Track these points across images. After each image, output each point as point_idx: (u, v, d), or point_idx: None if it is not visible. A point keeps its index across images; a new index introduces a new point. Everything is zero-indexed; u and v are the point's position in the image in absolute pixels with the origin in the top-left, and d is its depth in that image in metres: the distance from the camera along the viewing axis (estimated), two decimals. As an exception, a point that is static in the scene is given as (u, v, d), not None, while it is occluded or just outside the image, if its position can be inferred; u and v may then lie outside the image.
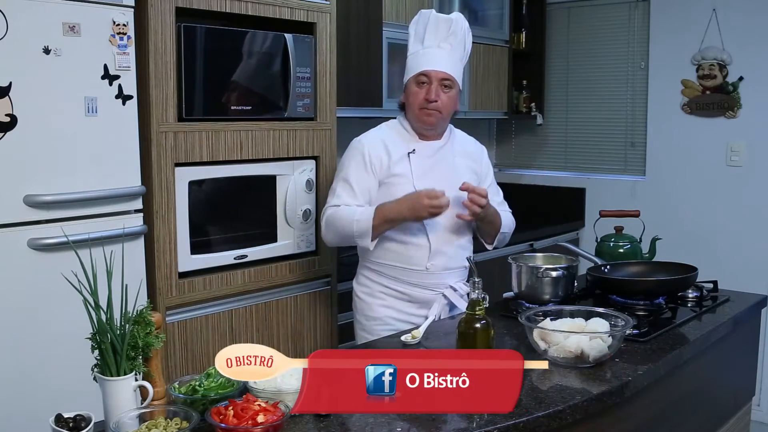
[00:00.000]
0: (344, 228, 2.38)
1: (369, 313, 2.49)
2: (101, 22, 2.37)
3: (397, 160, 2.41)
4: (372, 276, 2.49)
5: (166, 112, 2.58)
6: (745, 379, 2.61)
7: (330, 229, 2.43)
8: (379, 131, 2.50)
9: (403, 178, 2.40)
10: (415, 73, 2.40)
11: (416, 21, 2.47)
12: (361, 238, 2.36)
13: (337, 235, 2.43)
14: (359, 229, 2.34)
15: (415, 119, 2.44)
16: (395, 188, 2.38)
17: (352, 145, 2.48)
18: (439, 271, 2.42)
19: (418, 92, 2.39)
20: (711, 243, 4.04)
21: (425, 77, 2.38)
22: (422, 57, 2.41)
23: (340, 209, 2.39)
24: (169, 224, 2.62)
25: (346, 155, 2.47)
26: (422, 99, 2.38)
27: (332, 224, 2.41)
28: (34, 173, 2.27)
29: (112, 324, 1.46)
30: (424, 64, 2.39)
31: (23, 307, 2.26)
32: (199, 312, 2.73)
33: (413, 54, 2.44)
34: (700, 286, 2.47)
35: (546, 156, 4.78)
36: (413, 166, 2.41)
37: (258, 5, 2.82)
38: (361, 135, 2.50)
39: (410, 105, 2.43)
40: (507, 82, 4.40)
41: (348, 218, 2.36)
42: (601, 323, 1.87)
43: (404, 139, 2.46)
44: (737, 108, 4.01)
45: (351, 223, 2.35)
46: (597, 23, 4.49)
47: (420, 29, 2.44)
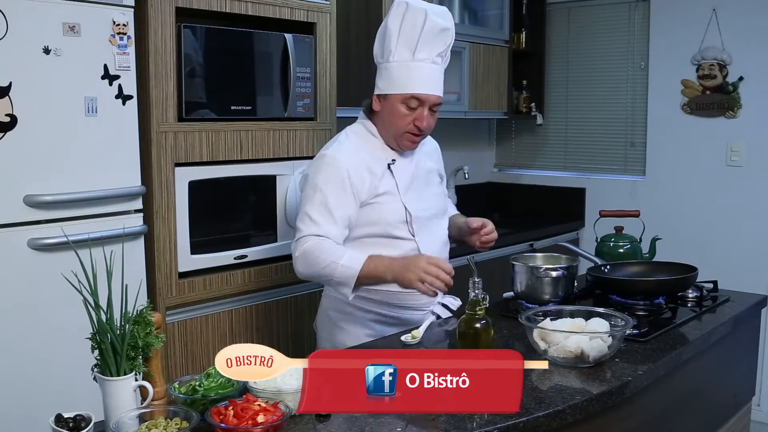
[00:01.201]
0: (324, 268, 2.03)
1: (350, 344, 2.15)
2: (101, 22, 2.37)
3: (380, 176, 2.14)
4: (355, 302, 2.15)
5: (166, 112, 2.58)
6: (745, 379, 2.61)
7: (307, 262, 2.06)
8: (349, 144, 2.17)
9: (389, 195, 2.15)
10: (408, 93, 2.10)
11: (401, 16, 2.10)
12: (341, 286, 2.04)
13: (314, 273, 2.07)
14: (342, 276, 2.01)
15: (396, 141, 2.17)
16: (383, 207, 2.14)
17: (326, 162, 2.11)
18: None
19: (406, 116, 2.12)
20: (711, 243, 4.04)
21: (417, 100, 2.11)
22: (415, 73, 2.10)
23: (323, 244, 2.05)
24: (169, 224, 2.62)
25: (319, 173, 2.11)
26: (410, 124, 2.13)
27: (311, 259, 2.05)
28: (34, 173, 2.27)
29: (112, 324, 1.46)
30: (417, 84, 2.10)
31: (23, 307, 2.26)
32: (199, 312, 2.73)
33: (401, 64, 2.11)
34: (700, 286, 2.46)
35: (546, 156, 4.78)
36: (398, 180, 2.17)
37: (258, 5, 2.82)
38: (331, 149, 2.15)
39: (392, 124, 2.15)
40: (507, 82, 4.40)
41: (331, 258, 2.02)
42: (601, 323, 1.87)
43: (377, 148, 2.19)
44: (737, 108, 4.00)
45: (334, 265, 2.01)
46: (597, 23, 4.49)
47: (410, 32, 2.10)
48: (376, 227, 2.15)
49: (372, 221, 2.14)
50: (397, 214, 2.16)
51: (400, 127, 2.14)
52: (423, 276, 1.96)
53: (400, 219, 2.16)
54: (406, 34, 2.10)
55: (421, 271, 1.96)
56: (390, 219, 2.15)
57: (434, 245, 2.25)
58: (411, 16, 2.10)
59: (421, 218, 2.20)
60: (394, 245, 2.15)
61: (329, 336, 2.30)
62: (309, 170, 2.18)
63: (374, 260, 2.03)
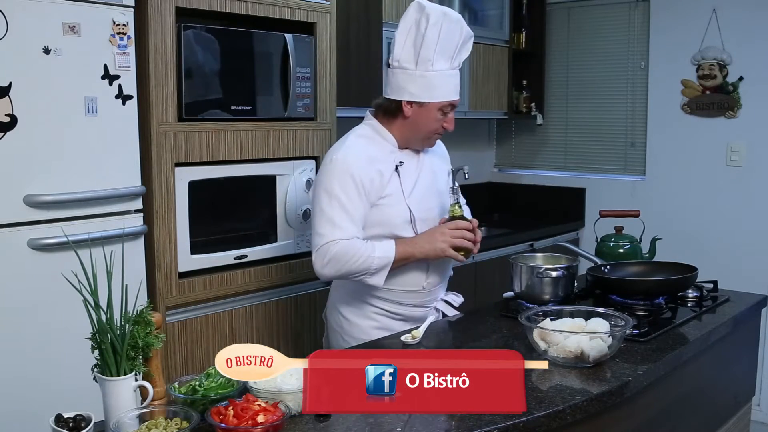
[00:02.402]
0: (360, 265, 2.11)
1: (359, 336, 2.26)
2: (101, 22, 2.38)
3: (388, 178, 2.19)
4: (363, 297, 2.27)
5: (166, 112, 2.58)
6: (745, 379, 2.61)
7: (339, 264, 2.12)
8: (358, 146, 2.20)
9: (394, 197, 2.20)
10: (448, 101, 2.19)
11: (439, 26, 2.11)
12: (376, 275, 2.14)
13: (347, 272, 2.14)
14: (378, 265, 2.12)
15: (421, 141, 2.26)
16: (388, 209, 2.19)
17: (336, 165, 2.15)
18: (433, 287, 2.31)
19: (440, 120, 2.21)
20: (711, 243, 4.04)
21: (451, 106, 2.21)
22: (452, 82, 2.19)
23: (352, 244, 2.11)
24: (169, 224, 2.62)
25: (332, 177, 2.15)
26: (440, 127, 2.23)
27: (344, 260, 2.11)
28: (34, 173, 2.27)
29: (112, 324, 1.46)
30: (454, 92, 2.20)
31: (23, 307, 2.26)
32: (199, 312, 2.73)
33: (441, 73, 2.15)
34: (700, 286, 2.46)
35: (546, 156, 4.78)
36: (403, 183, 2.22)
37: (258, 5, 2.82)
38: (340, 151, 2.18)
39: (426, 128, 2.22)
40: (507, 82, 4.40)
41: (366, 254, 2.11)
42: (601, 323, 1.87)
43: (386, 150, 2.23)
44: (737, 108, 4.01)
45: (369, 259, 2.11)
46: (597, 23, 4.49)
47: (449, 41, 2.14)
48: (382, 228, 2.20)
49: (378, 222, 2.19)
50: (401, 215, 2.21)
51: (431, 129, 2.23)
52: (451, 240, 2.12)
53: (404, 220, 2.21)
54: (445, 45, 2.14)
55: (447, 237, 2.12)
56: (395, 221, 2.20)
57: None
58: (448, 26, 2.13)
59: (426, 218, 2.24)
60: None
61: (338, 327, 2.35)
62: (320, 176, 2.21)
63: (401, 244, 2.16)
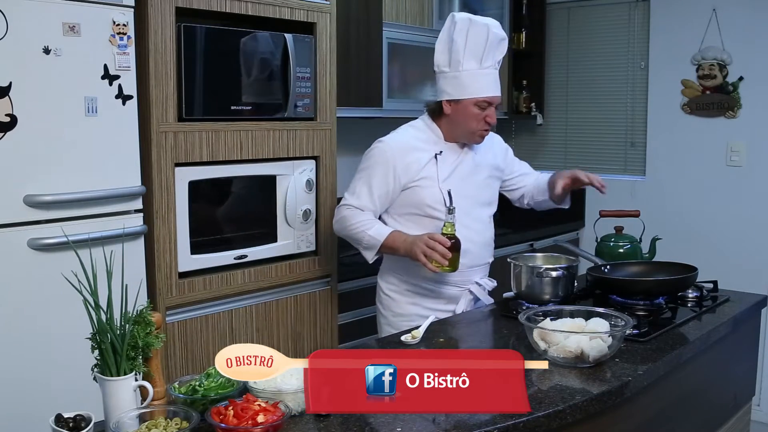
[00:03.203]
0: (355, 233, 2.45)
1: (396, 310, 2.54)
2: (101, 22, 2.37)
3: (425, 163, 2.44)
4: (399, 273, 2.53)
5: (166, 112, 2.58)
6: (745, 379, 2.61)
7: (342, 225, 2.49)
8: (405, 135, 2.51)
9: (429, 180, 2.44)
10: (481, 97, 2.41)
11: (466, 30, 2.41)
12: (366, 251, 2.46)
13: (345, 234, 2.51)
14: (368, 242, 2.43)
15: (467, 138, 2.48)
16: (422, 191, 2.44)
17: (380, 147, 2.48)
18: (466, 269, 2.46)
19: (479, 115, 2.42)
20: (711, 243, 4.04)
21: (487, 102, 2.42)
22: (483, 79, 2.42)
23: (357, 214, 2.45)
24: (169, 224, 2.62)
25: (371, 156, 2.48)
26: (483, 122, 2.43)
27: (345, 224, 2.48)
28: (34, 173, 2.27)
29: (112, 324, 1.46)
30: (487, 89, 2.42)
31: (23, 307, 2.26)
32: (199, 312, 2.73)
33: (470, 72, 2.41)
34: (700, 286, 2.46)
35: (546, 156, 4.78)
36: (439, 169, 2.45)
37: (258, 5, 2.82)
38: (387, 137, 2.51)
39: (467, 124, 2.44)
40: (507, 82, 4.40)
41: (362, 227, 2.43)
42: (601, 323, 1.87)
43: (431, 141, 2.49)
44: (737, 108, 4.01)
45: (363, 233, 2.43)
46: (597, 23, 4.49)
47: (475, 44, 2.40)
48: (415, 207, 2.47)
49: (411, 203, 2.47)
50: (434, 197, 2.44)
51: (475, 125, 2.45)
52: (424, 249, 2.29)
53: (436, 201, 2.44)
54: (472, 47, 2.40)
55: (423, 244, 2.30)
56: (427, 201, 2.45)
57: (468, 229, 2.44)
58: (475, 30, 2.41)
59: (461, 205, 2.40)
60: (432, 224, 2.44)
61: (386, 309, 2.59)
62: (365, 155, 2.52)
63: (394, 235, 2.41)
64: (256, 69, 2.85)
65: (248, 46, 2.81)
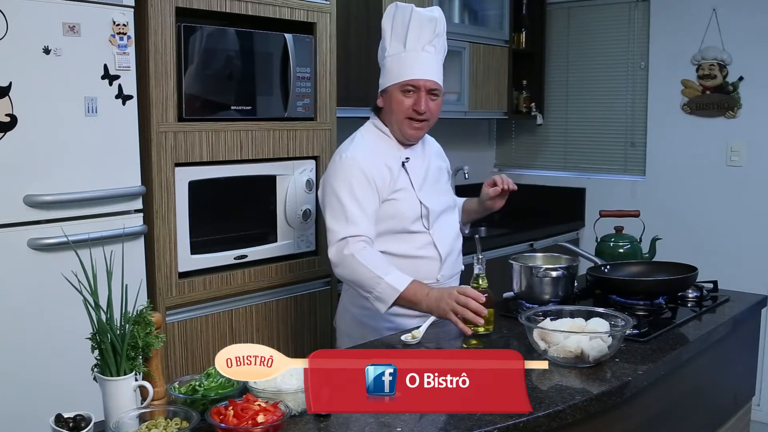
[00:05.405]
0: (369, 279, 2.06)
1: (370, 337, 2.18)
2: (101, 22, 2.37)
3: (396, 173, 2.23)
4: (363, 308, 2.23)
5: (166, 112, 2.58)
6: (745, 379, 2.61)
7: (351, 268, 2.08)
8: (365, 143, 2.25)
9: (405, 192, 2.23)
10: (401, 81, 2.20)
11: (392, 15, 2.23)
12: (378, 301, 2.07)
13: (355, 280, 2.10)
14: (382, 293, 2.05)
15: (400, 130, 2.25)
16: (400, 204, 2.21)
17: (346, 163, 2.17)
18: (446, 279, 2.32)
19: (403, 101, 2.20)
20: (711, 243, 4.04)
21: (412, 86, 2.20)
22: (407, 62, 2.20)
23: (371, 254, 2.09)
24: (169, 224, 2.62)
25: (342, 173, 2.17)
26: (409, 109, 2.20)
27: (355, 266, 2.07)
28: (34, 173, 2.27)
29: (112, 324, 1.45)
30: (410, 71, 2.19)
31: (23, 307, 2.26)
32: (199, 312, 2.73)
33: (394, 56, 2.22)
34: (700, 286, 2.46)
35: (546, 156, 4.78)
36: (411, 177, 2.26)
37: (258, 5, 2.82)
38: (348, 150, 2.22)
39: (394, 113, 2.23)
40: (507, 82, 4.40)
41: (377, 273, 2.05)
42: (601, 323, 1.87)
43: (392, 147, 2.27)
44: (737, 108, 4.01)
45: (378, 280, 2.05)
46: (597, 23, 4.49)
47: (399, 27, 2.21)
48: (394, 222, 2.22)
49: (390, 216, 2.21)
50: (413, 209, 2.24)
51: (401, 113, 2.22)
52: (454, 306, 1.98)
53: (416, 214, 2.24)
54: (397, 30, 2.23)
55: (453, 301, 1.99)
56: (408, 214, 2.22)
57: (447, 238, 2.32)
58: (400, 13, 2.23)
59: (435, 212, 2.27)
60: (409, 239, 2.23)
61: (349, 330, 2.33)
62: (329, 173, 2.22)
63: (415, 287, 2.06)
64: (256, 69, 2.85)
65: (248, 46, 2.81)
